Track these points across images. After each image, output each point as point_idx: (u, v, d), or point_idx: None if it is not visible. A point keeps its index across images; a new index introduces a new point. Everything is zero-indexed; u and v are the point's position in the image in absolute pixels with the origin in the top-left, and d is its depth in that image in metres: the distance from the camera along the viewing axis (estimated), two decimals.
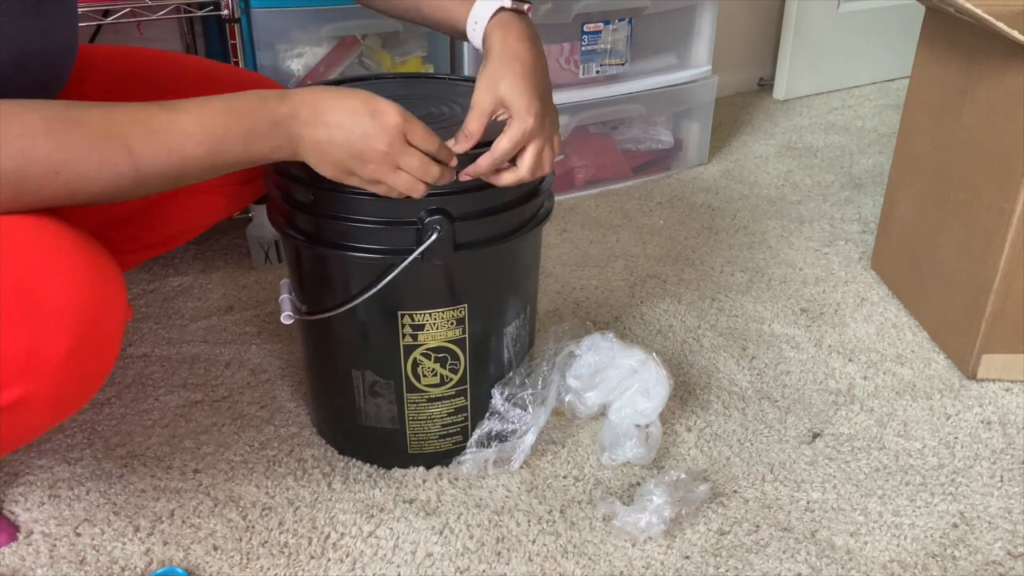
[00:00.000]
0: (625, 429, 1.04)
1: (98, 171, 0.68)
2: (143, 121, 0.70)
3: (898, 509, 1.00)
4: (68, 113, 0.68)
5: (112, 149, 0.68)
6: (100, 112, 0.69)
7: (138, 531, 0.95)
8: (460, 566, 0.92)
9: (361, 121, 0.77)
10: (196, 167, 0.73)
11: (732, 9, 2.26)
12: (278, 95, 0.77)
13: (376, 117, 0.78)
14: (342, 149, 0.78)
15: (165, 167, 0.71)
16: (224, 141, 0.73)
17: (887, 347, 1.29)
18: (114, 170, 0.69)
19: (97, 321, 0.68)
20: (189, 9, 1.37)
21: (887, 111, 2.26)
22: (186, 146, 0.71)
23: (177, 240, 1.16)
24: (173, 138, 0.71)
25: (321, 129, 0.77)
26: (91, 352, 0.69)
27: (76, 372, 0.68)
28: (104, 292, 0.69)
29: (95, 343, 0.69)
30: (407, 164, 0.80)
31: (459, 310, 0.95)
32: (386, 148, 0.78)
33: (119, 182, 0.70)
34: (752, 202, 1.77)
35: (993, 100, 1.13)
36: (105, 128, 0.69)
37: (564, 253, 1.56)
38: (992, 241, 1.13)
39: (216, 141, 0.73)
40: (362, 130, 0.77)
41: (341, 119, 0.77)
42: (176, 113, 0.72)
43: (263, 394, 1.17)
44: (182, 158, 0.72)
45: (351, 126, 0.77)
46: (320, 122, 0.77)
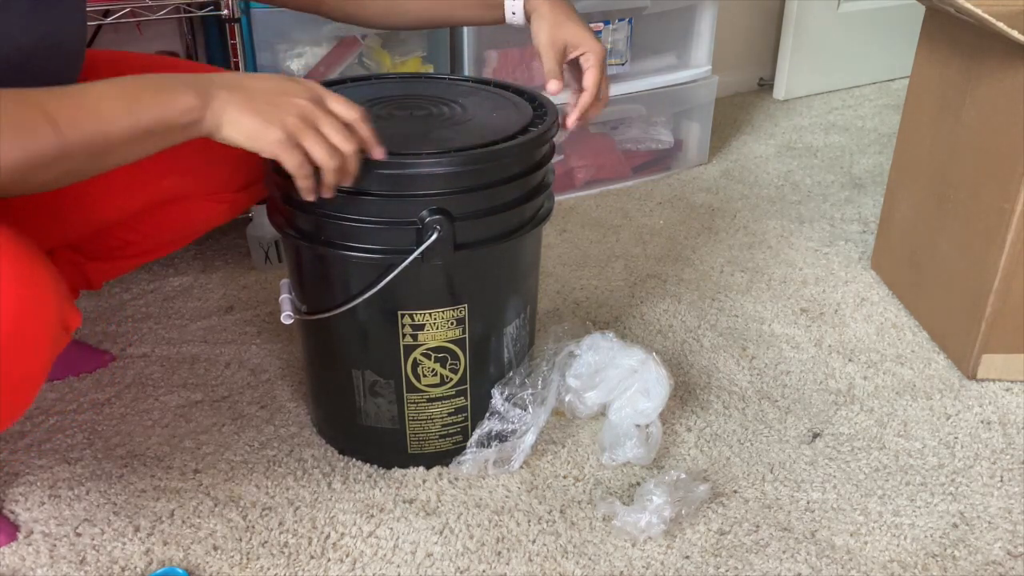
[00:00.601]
0: (625, 429, 1.04)
1: (17, 135, 0.66)
2: (59, 92, 0.69)
3: (898, 509, 1.00)
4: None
5: (30, 112, 0.66)
6: (24, 89, 0.68)
7: (138, 531, 0.95)
8: (460, 566, 0.92)
9: (280, 81, 0.78)
10: (116, 130, 0.70)
11: (732, 9, 2.26)
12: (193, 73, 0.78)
13: (295, 81, 0.79)
14: (260, 101, 0.76)
15: (85, 130, 0.69)
16: (140, 98, 0.72)
17: (887, 347, 1.29)
18: (34, 136, 0.66)
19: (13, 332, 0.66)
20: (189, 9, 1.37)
21: (887, 111, 2.26)
22: (102, 106, 0.70)
23: (172, 246, 1.15)
24: (88, 99, 0.70)
25: (237, 89, 0.76)
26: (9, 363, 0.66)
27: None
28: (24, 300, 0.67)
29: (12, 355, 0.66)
30: (327, 126, 0.78)
31: (459, 310, 0.95)
32: (305, 99, 0.77)
33: (41, 148, 0.67)
34: (752, 202, 1.77)
35: (993, 100, 1.13)
36: (23, 98, 0.67)
37: (564, 253, 1.56)
38: (992, 241, 1.13)
39: (132, 98, 0.71)
40: (280, 87, 0.77)
41: (259, 81, 0.77)
42: (92, 84, 0.71)
43: (263, 394, 1.17)
44: (100, 119, 0.70)
45: (269, 84, 0.77)
46: (237, 84, 0.76)
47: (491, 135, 0.91)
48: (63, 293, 0.72)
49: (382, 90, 1.06)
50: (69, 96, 0.69)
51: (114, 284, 1.41)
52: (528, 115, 0.98)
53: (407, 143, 0.90)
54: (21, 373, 0.69)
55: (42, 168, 0.68)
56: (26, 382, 0.70)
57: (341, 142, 0.79)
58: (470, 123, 0.96)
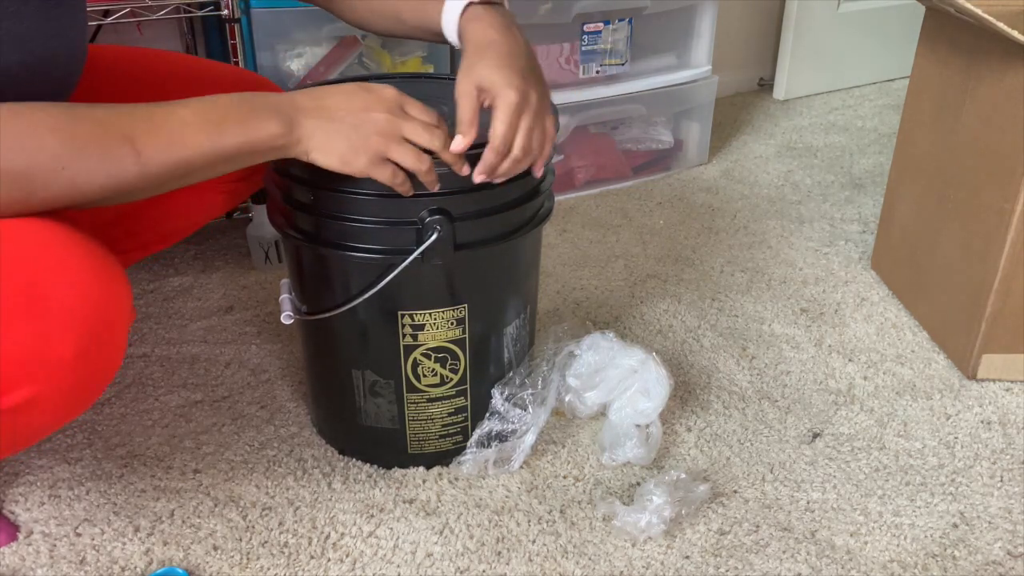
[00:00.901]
0: (625, 429, 1.04)
1: (102, 165, 0.69)
2: (142, 116, 0.71)
3: (898, 509, 1.00)
4: (72, 111, 0.69)
5: (115, 143, 0.69)
6: (102, 110, 0.70)
7: (138, 531, 0.95)
8: (460, 566, 0.92)
9: (358, 95, 0.79)
10: (199, 157, 0.73)
11: (732, 9, 2.26)
12: (271, 92, 0.80)
13: (371, 91, 0.80)
14: (344, 123, 0.78)
15: (167, 158, 0.71)
16: (223, 126, 0.74)
17: (887, 347, 1.29)
18: (119, 164, 0.69)
19: (104, 322, 0.69)
20: (189, 9, 1.37)
21: (887, 111, 2.26)
22: (186, 134, 0.72)
23: (176, 236, 1.16)
24: (173, 127, 0.72)
25: (320, 112, 0.78)
26: (98, 353, 0.69)
27: (84, 373, 0.69)
28: (111, 293, 0.69)
29: (102, 344, 0.69)
30: (411, 132, 0.80)
31: (459, 310, 0.95)
32: (387, 115, 0.79)
33: (124, 176, 0.70)
34: (752, 202, 1.77)
35: (993, 100, 1.13)
36: (107, 123, 0.69)
37: (564, 253, 1.56)
38: (992, 241, 1.13)
39: (214, 127, 0.73)
40: (361, 103, 0.79)
41: (339, 99, 0.79)
42: (174, 107, 0.73)
43: (263, 394, 1.17)
44: (183, 147, 0.72)
45: (349, 102, 0.79)
46: (319, 106, 0.78)
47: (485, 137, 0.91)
48: (130, 286, 0.74)
49: None
50: (151, 122, 0.71)
51: None
52: None
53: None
54: (106, 362, 0.71)
55: (123, 192, 0.71)
56: (108, 369, 0.72)
57: (428, 143, 0.81)
58: None
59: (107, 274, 0.70)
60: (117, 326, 0.71)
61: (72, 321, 0.66)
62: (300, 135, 0.78)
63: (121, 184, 0.71)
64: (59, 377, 0.67)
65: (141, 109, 0.72)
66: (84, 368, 0.68)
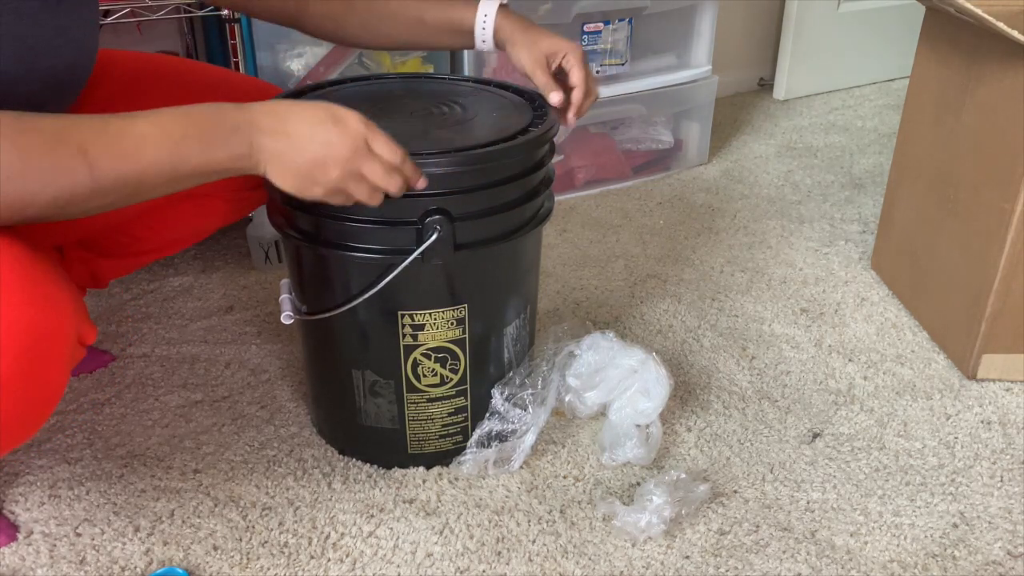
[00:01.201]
0: (625, 429, 1.04)
1: (53, 176, 0.65)
2: (98, 127, 0.68)
3: (898, 509, 1.00)
4: (23, 119, 0.65)
5: (67, 153, 0.66)
6: (53, 119, 0.67)
7: (138, 531, 0.95)
8: (460, 566, 0.92)
9: (323, 128, 0.76)
10: (155, 174, 0.70)
11: (732, 9, 2.26)
12: (236, 104, 0.75)
13: (339, 124, 0.77)
14: (304, 156, 0.76)
15: (122, 172, 0.68)
16: (182, 146, 0.71)
17: (887, 347, 1.29)
18: (70, 176, 0.66)
19: (33, 348, 0.65)
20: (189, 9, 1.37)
21: (887, 111, 2.26)
22: (143, 149, 0.69)
23: (181, 244, 1.15)
24: (129, 142, 0.68)
25: (282, 138, 0.75)
26: (27, 380, 0.66)
27: (11, 401, 0.65)
28: (44, 316, 0.66)
29: (32, 371, 0.66)
30: (370, 172, 0.79)
31: (459, 310, 0.95)
32: (349, 154, 0.77)
33: (75, 189, 0.67)
34: (752, 202, 1.77)
35: (993, 100, 1.13)
36: (59, 133, 0.66)
37: (564, 253, 1.56)
38: (992, 241, 1.13)
39: (173, 145, 0.70)
40: (325, 137, 0.76)
41: (303, 128, 0.76)
42: (132, 119, 0.70)
43: (263, 394, 1.17)
44: (139, 163, 0.69)
45: (313, 134, 0.76)
46: (281, 131, 0.75)
47: (491, 135, 0.92)
48: (80, 310, 0.71)
49: (382, 90, 1.06)
50: (107, 134, 0.68)
51: (114, 284, 1.41)
52: (528, 115, 0.98)
53: (407, 143, 0.89)
54: (40, 393, 0.69)
55: (74, 205, 0.68)
56: (44, 401, 0.70)
57: (384, 184, 0.80)
58: (470, 123, 0.96)
59: (44, 297, 0.66)
60: (52, 353, 0.67)
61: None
62: (259, 159, 0.75)
63: (73, 196, 0.67)
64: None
65: (98, 120, 0.68)
66: (8, 398, 0.65)
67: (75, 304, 0.70)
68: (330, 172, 0.77)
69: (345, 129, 0.77)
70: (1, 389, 0.64)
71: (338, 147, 0.77)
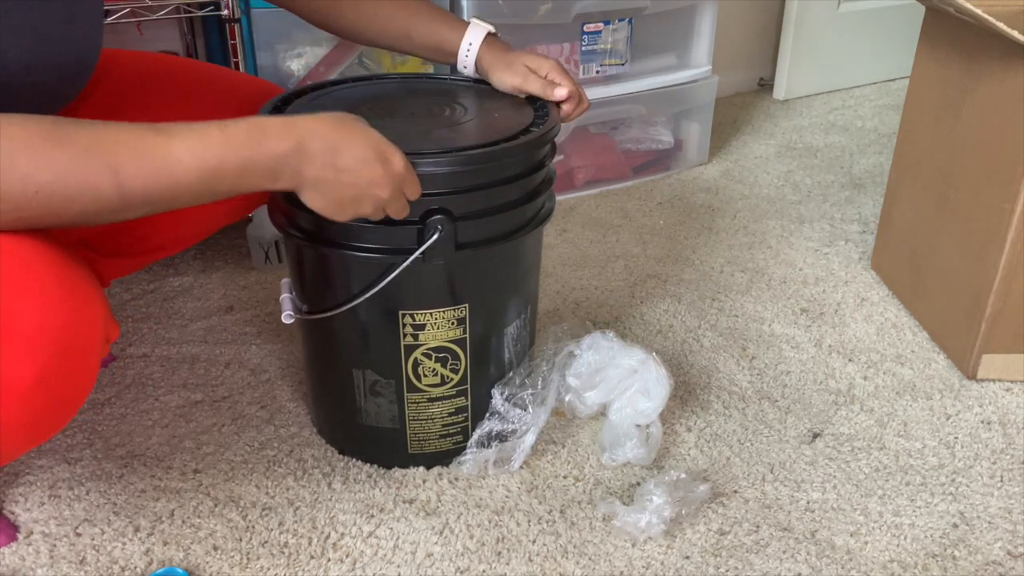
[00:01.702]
0: (625, 429, 1.04)
1: (80, 191, 0.65)
2: (132, 144, 0.67)
3: (898, 509, 1.00)
4: (53, 130, 0.64)
5: (96, 170, 0.65)
6: (87, 131, 0.66)
7: (138, 531, 0.95)
8: (460, 566, 0.92)
9: (370, 167, 0.78)
10: (186, 195, 0.70)
11: (732, 9, 2.26)
12: (283, 127, 0.74)
13: (385, 164, 0.79)
14: (347, 192, 0.78)
15: (152, 192, 0.68)
16: (218, 173, 0.70)
17: (887, 347, 1.29)
18: (97, 192, 0.65)
19: (69, 346, 0.66)
20: (189, 9, 1.37)
21: (887, 111, 2.26)
22: (176, 173, 0.68)
23: (183, 243, 1.15)
24: (162, 163, 0.67)
25: (330, 171, 0.76)
26: (62, 378, 0.66)
27: (46, 398, 0.66)
28: (78, 315, 0.66)
29: (66, 369, 0.66)
30: (394, 208, 0.82)
31: (460, 310, 0.95)
32: (387, 196, 0.80)
33: (102, 204, 0.66)
34: (752, 202, 1.77)
35: (993, 100, 1.13)
36: (90, 147, 0.65)
37: (564, 253, 1.56)
38: (992, 241, 1.13)
39: (210, 172, 0.69)
40: (370, 175, 0.78)
41: (353, 165, 0.77)
42: (168, 138, 0.68)
43: (263, 394, 1.17)
44: (171, 185, 0.68)
45: (360, 170, 0.77)
46: (331, 164, 0.75)
47: (492, 135, 0.92)
48: (107, 308, 0.71)
49: (382, 90, 1.06)
50: (140, 153, 0.67)
51: (115, 284, 1.41)
52: (529, 115, 0.98)
53: (408, 143, 0.89)
54: (72, 390, 0.69)
55: (99, 218, 0.68)
56: (75, 397, 0.70)
57: (397, 215, 0.84)
58: (471, 123, 0.96)
59: (74, 294, 0.66)
60: (84, 350, 0.67)
61: (31, 345, 0.63)
62: (301, 184, 0.76)
63: (99, 212, 0.67)
64: (18, 403, 0.64)
65: (133, 134, 0.67)
66: (45, 393, 0.65)
67: (104, 302, 0.71)
68: (364, 206, 0.80)
69: (388, 169, 0.79)
70: (39, 386, 0.65)
71: (380, 187, 0.79)
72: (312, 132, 0.75)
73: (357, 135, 0.78)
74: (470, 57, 1.02)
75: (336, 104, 1.00)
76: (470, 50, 1.01)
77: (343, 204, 0.79)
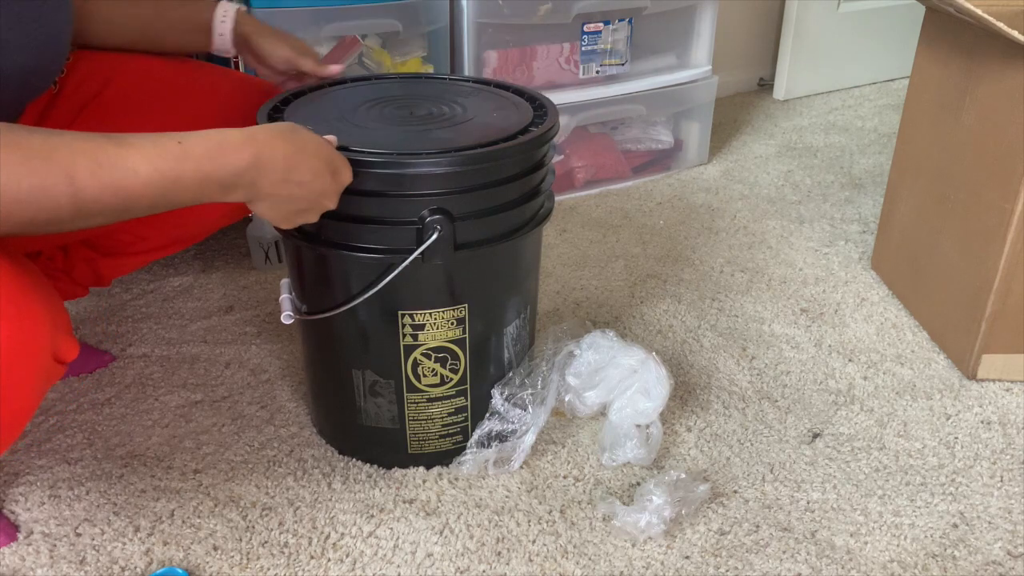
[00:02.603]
0: (626, 430, 1.04)
1: (32, 196, 0.63)
2: (89, 153, 0.66)
3: (898, 509, 1.00)
4: (8, 134, 0.63)
5: (51, 176, 0.63)
6: (42, 137, 0.65)
7: (138, 531, 0.95)
8: (460, 566, 0.92)
9: (323, 181, 0.80)
10: (142, 206, 0.69)
11: (732, 9, 2.26)
12: (240, 142, 0.73)
13: (335, 177, 0.81)
14: (299, 203, 0.80)
15: (108, 202, 0.67)
16: (176, 185, 0.70)
17: (887, 347, 1.29)
18: (52, 199, 0.64)
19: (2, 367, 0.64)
20: None
21: (887, 111, 2.26)
22: (133, 185, 0.67)
23: (186, 242, 1.15)
24: (119, 175, 0.66)
25: (285, 186, 0.77)
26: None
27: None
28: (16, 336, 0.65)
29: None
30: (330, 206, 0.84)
31: (459, 310, 0.95)
32: (333, 205, 0.83)
33: (56, 212, 0.65)
34: (752, 202, 1.77)
35: (993, 100, 1.13)
36: (46, 154, 0.64)
37: (564, 253, 1.56)
38: (992, 241, 1.13)
39: (167, 184, 0.69)
40: (321, 189, 0.80)
41: (306, 178, 0.78)
42: (126, 149, 0.67)
43: (263, 394, 1.17)
44: (127, 196, 0.67)
45: (312, 186, 0.79)
46: (285, 180, 0.77)
47: (491, 135, 0.92)
48: (58, 325, 0.70)
49: (382, 90, 1.06)
50: (100, 166, 0.66)
51: (114, 284, 1.41)
52: (528, 115, 0.98)
53: (408, 143, 0.90)
54: (6, 412, 0.68)
55: (52, 226, 0.67)
56: (11, 420, 0.69)
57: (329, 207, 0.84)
58: (470, 123, 0.96)
59: (19, 314, 0.65)
60: (23, 371, 0.65)
61: None
62: (255, 198, 0.77)
63: (52, 219, 0.65)
64: None
65: (91, 143, 0.66)
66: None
67: (52, 319, 0.69)
68: (311, 216, 0.82)
69: (338, 179, 0.82)
70: None
71: (328, 197, 0.82)
72: (268, 146, 0.75)
73: (310, 148, 0.78)
74: (227, 23, 1.01)
75: (336, 104, 1.00)
76: (227, 15, 1.01)
77: (292, 215, 0.81)
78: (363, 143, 0.88)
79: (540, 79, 1.67)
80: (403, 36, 1.55)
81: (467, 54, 1.58)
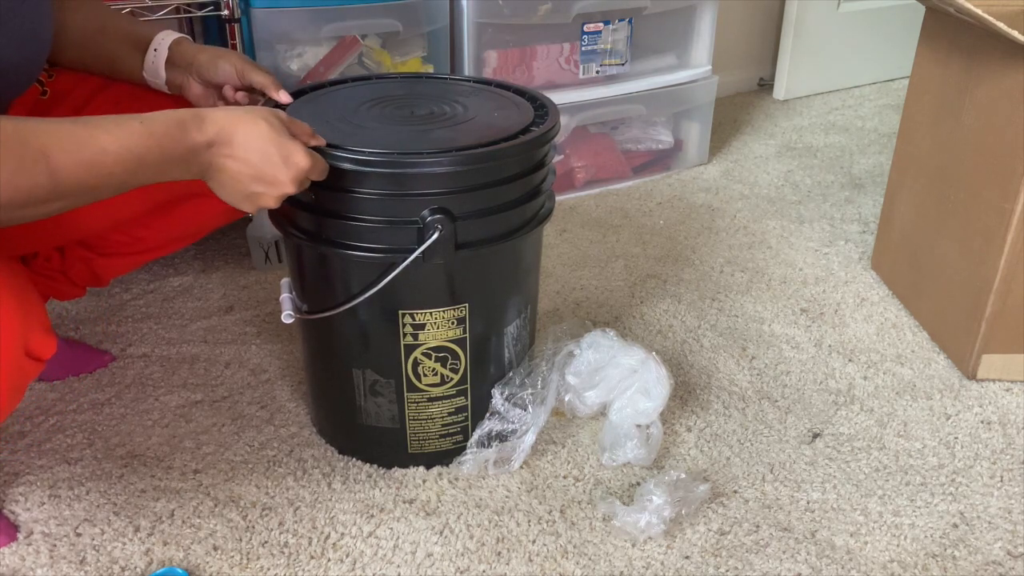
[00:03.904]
0: (626, 430, 1.04)
1: (12, 176, 0.66)
2: (61, 134, 0.69)
3: (898, 509, 1.00)
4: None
5: (28, 155, 0.66)
6: (13, 123, 0.67)
7: (138, 531, 0.95)
8: (460, 566, 0.92)
9: (275, 164, 0.80)
10: (113, 184, 0.72)
11: (732, 9, 2.26)
12: (196, 120, 0.76)
13: (287, 163, 0.80)
14: (252, 185, 0.80)
15: (83, 179, 0.70)
16: (141, 165, 0.73)
17: (887, 347, 1.29)
18: (31, 178, 0.67)
19: None
20: (189, 9, 1.37)
21: (887, 111, 2.26)
22: (105, 162, 0.71)
23: (181, 242, 1.15)
24: (90, 154, 0.70)
25: (240, 165, 0.78)
26: None
27: None
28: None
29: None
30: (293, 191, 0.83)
31: (460, 309, 0.95)
32: (291, 188, 0.81)
33: (35, 191, 0.67)
34: (752, 202, 1.77)
35: (993, 100, 1.13)
36: (21, 136, 0.66)
37: (564, 253, 1.56)
38: (992, 241, 1.13)
39: (135, 162, 0.72)
40: (272, 173, 0.80)
41: (255, 159, 0.79)
42: (95, 130, 0.71)
43: (263, 394, 1.17)
44: (100, 174, 0.71)
45: (263, 168, 0.79)
46: (232, 156, 0.78)
47: (492, 135, 0.92)
48: (31, 321, 0.71)
49: (382, 90, 1.06)
50: (71, 141, 0.69)
51: (114, 284, 1.41)
52: (529, 115, 0.98)
53: (408, 143, 0.90)
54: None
55: (31, 207, 0.69)
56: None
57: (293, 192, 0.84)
58: (471, 123, 0.96)
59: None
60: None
61: None
62: (211, 176, 0.79)
63: (30, 198, 0.67)
64: None
65: (61, 126, 0.69)
66: None
67: (24, 315, 0.70)
68: (267, 201, 0.82)
69: (297, 168, 0.81)
70: None
71: (283, 185, 0.81)
72: (221, 122, 0.78)
73: (261, 129, 0.79)
74: (166, 41, 0.99)
75: (337, 104, 1.00)
76: (168, 36, 1.00)
77: (247, 196, 0.81)
78: (364, 143, 0.88)
79: (540, 79, 1.67)
80: (403, 36, 1.55)
81: (467, 54, 1.58)
